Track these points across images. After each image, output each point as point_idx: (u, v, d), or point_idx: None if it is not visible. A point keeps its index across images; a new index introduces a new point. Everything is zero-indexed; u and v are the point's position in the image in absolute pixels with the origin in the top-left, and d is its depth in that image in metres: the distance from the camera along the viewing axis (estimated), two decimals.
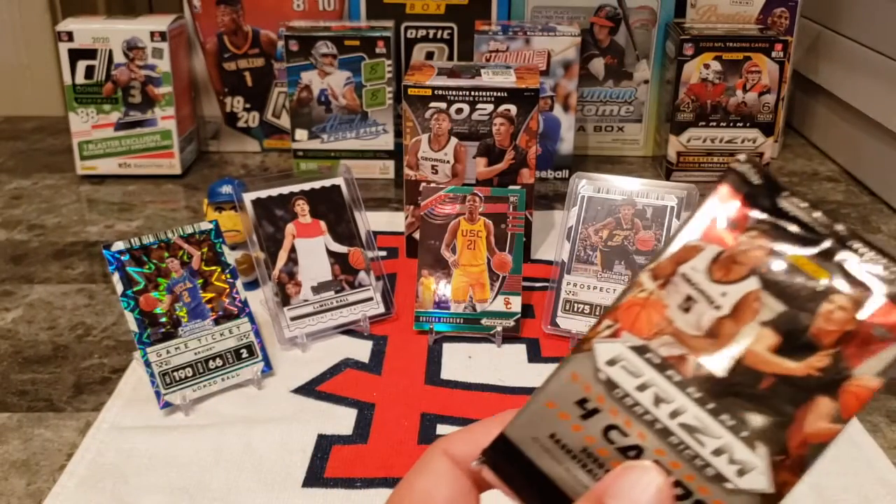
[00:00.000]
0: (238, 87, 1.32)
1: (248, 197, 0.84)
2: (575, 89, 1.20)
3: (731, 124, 1.23)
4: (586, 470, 0.28)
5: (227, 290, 0.78)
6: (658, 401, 0.27)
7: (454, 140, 0.93)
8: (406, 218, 0.98)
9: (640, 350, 0.28)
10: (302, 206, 0.86)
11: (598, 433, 0.28)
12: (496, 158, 0.93)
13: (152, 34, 1.19)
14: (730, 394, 0.27)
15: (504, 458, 0.29)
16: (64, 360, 0.81)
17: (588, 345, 0.29)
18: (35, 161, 1.33)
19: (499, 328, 0.83)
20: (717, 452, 0.27)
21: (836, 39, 1.31)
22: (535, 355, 0.82)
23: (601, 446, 0.28)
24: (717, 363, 0.28)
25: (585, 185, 0.85)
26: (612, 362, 0.28)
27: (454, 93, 0.91)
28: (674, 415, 0.27)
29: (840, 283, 0.28)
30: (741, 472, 0.27)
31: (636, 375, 0.28)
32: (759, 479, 0.27)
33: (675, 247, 0.29)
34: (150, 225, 1.11)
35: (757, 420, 0.27)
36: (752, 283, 0.28)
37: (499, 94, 0.91)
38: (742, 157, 0.29)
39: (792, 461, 0.27)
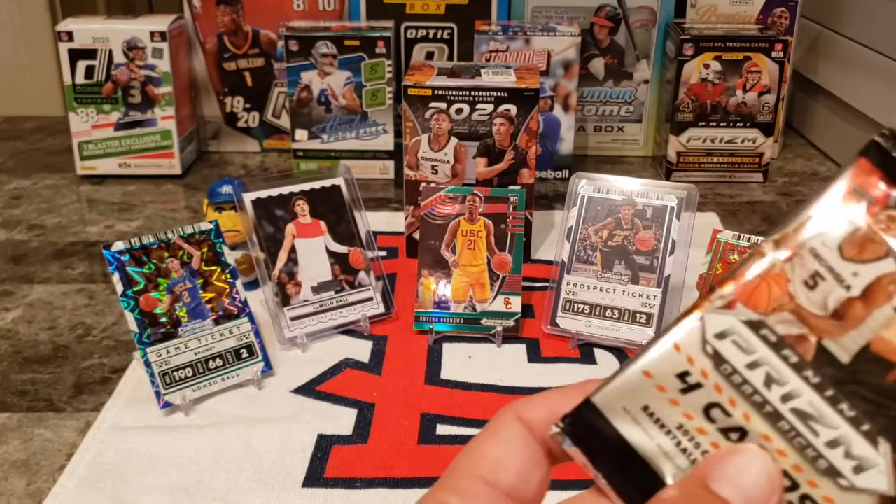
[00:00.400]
0: (238, 87, 1.32)
1: (248, 197, 0.84)
2: (575, 89, 1.20)
3: (731, 124, 1.23)
4: (680, 448, 0.26)
5: (227, 290, 0.78)
6: (770, 381, 0.25)
7: (454, 140, 0.93)
8: (406, 218, 0.98)
9: (756, 325, 0.26)
10: (302, 206, 0.86)
11: (699, 410, 0.26)
12: (496, 158, 0.93)
13: (152, 34, 1.19)
14: (852, 382, 0.25)
15: (586, 428, 0.27)
16: (64, 360, 0.81)
17: (696, 313, 0.26)
18: (35, 161, 1.33)
19: (499, 328, 0.83)
20: (833, 444, 0.25)
21: (836, 39, 1.31)
22: (535, 355, 0.82)
23: (700, 424, 0.26)
24: (841, 347, 0.25)
25: (585, 185, 0.85)
26: (721, 335, 0.26)
27: (454, 93, 0.91)
28: (786, 398, 0.25)
29: None
30: (858, 469, 0.25)
31: (748, 352, 0.26)
32: (879, 479, 0.24)
33: (804, 218, 0.26)
34: (150, 225, 1.11)
35: (881, 413, 0.25)
36: (889, 265, 0.25)
37: (499, 94, 0.91)
38: (886, 130, 0.27)
39: None
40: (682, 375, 0.26)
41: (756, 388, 0.26)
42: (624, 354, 0.82)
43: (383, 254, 1.00)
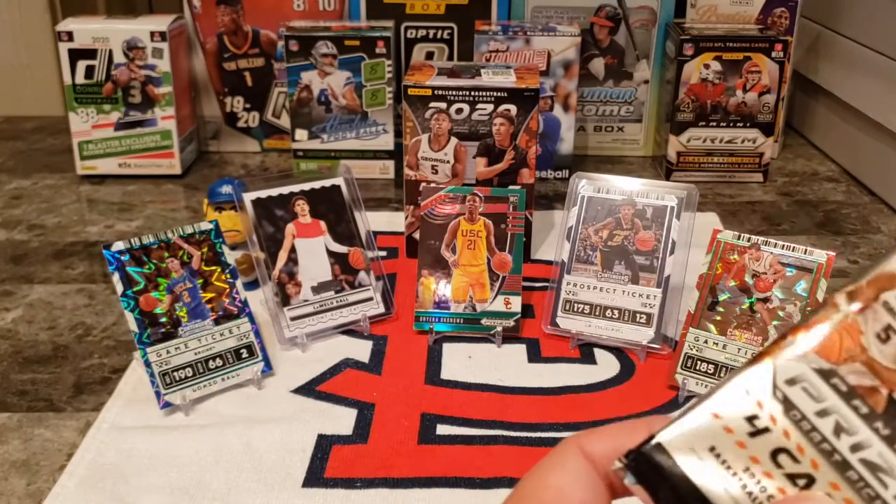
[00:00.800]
0: (238, 87, 1.32)
1: (248, 197, 0.84)
2: (575, 89, 1.20)
3: (731, 124, 1.23)
4: (746, 492, 0.26)
5: (227, 290, 0.78)
6: (839, 430, 0.26)
7: (454, 140, 0.93)
8: (406, 218, 0.98)
9: (827, 374, 0.26)
10: (302, 206, 0.86)
11: (766, 454, 0.26)
12: (496, 158, 0.93)
13: (152, 34, 1.19)
14: None
15: (650, 465, 0.27)
16: (64, 360, 0.81)
17: (767, 359, 0.27)
18: (35, 161, 1.33)
19: (499, 328, 0.83)
20: None
21: (836, 39, 1.31)
22: (535, 355, 0.82)
23: (767, 469, 0.26)
24: None
25: (585, 185, 0.85)
26: (792, 382, 0.26)
27: (454, 93, 0.91)
28: (855, 448, 0.25)
29: None
30: None
31: (818, 400, 0.26)
32: None
33: (878, 272, 0.27)
34: (150, 225, 1.11)
35: None
36: None
37: (499, 94, 0.91)
38: None
39: None
40: (751, 419, 0.26)
41: (825, 436, 0.26)
42: (624, 354, 0.82)
43: (383, 254, 1.00)
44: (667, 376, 0.77)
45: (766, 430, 0.26)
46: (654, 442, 0.27)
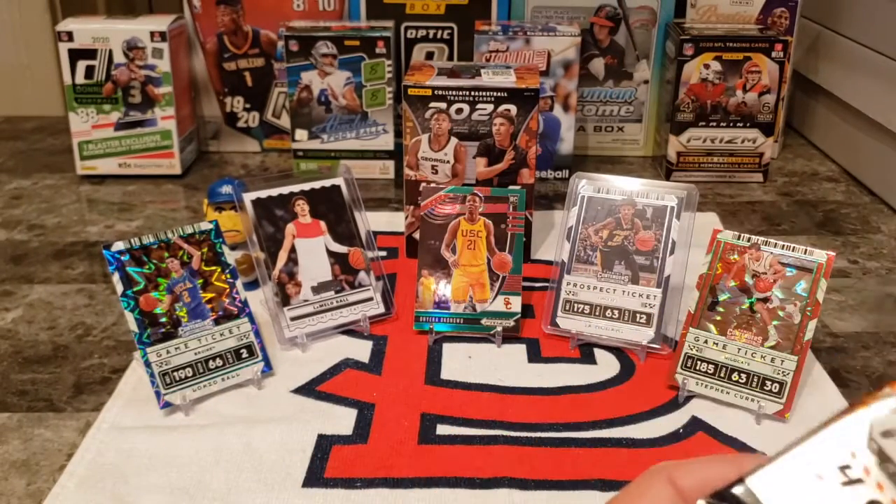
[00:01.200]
0: (238, 87, 1.32)
1: (248, 197, 0.84)
2: (575, 89, 1.20)
3: (731, 124, 1.23)
4: None
5: (227, 290, 0.78)
6: None
7: (454, 140, 0.93)
8: (406, 218, 0.98)
9: None
10: (302, 206, 0.86)
11: None
12: (496, 158, 0.93)
13: (152, 34, 1.19)
14: None
15: None
16: (64, 360, 0.81)
17: (862, 409, 0.26)
18: (35, 161, 1.33)
19: (499, 328, 0.83)
20: None
21: (836, 39, 1.31)
22: (535, 355, 0.82)
23: None
24: None
25: (585, 185, 0.85)
26: (888, 434, 0.26)
27: (454, 93, 0.91)
28: None
29: None
30: None
31: None
32: None
33: None
34: (150, 225, 1.11)
35: None
36: None
37: (499, 94, 0.91)
38: None
39: None
40: (844, 468, 0.26)
41: None
42: (624, 354, 0.82)
43: (383, 254, 1.00)
44: (667, 376, 0.77)
45: (859, 480, 0.26)
46: (743, 485, 0.26)
